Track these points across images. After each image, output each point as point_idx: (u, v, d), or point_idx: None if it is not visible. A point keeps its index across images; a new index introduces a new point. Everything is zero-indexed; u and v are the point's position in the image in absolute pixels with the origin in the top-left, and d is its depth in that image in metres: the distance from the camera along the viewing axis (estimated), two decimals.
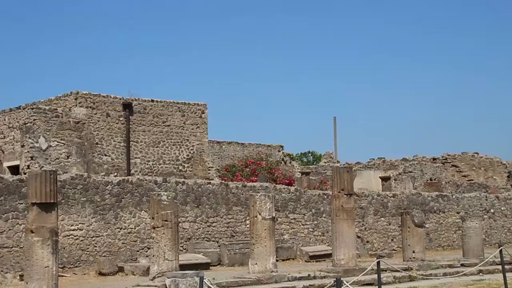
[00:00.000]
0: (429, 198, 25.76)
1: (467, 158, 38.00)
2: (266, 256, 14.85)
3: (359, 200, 23.39)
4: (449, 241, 25.91)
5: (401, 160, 38.19)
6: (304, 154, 58.82)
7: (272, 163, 32.36)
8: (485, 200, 27.44)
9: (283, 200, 21.63)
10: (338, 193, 16.55)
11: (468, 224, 19.86)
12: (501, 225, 27.52)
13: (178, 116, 27.69)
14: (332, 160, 40.54)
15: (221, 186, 20.68)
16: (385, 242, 24.05)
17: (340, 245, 16.30)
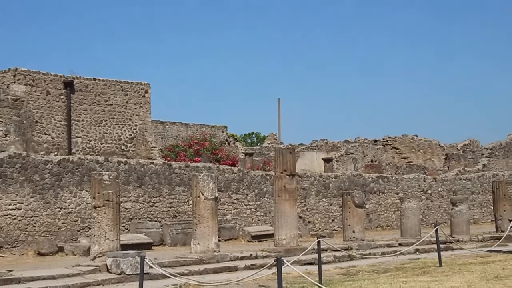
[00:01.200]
0: (369, 180, 26.24)
1: (406, 141, 38.83)
2: (208, 236, 14.89)
3: (302, 181, 23.64)
4: (388, 221, 26.50)
5: (343, 142, 38.76)
6: (248, 135, 58.94)
7: (216, 143, 32.35)
8: (423, 181, 28.14)
9: (226, 180, 21.68)
10: (281, 174, 16.68)
11: (406, 205, 20.34)
12: (438, 205, 28.29)
13: (120, 95, 27.31)
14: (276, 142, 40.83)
15: (164, 166, 20.57)
16: (326, 223, 24.42)
17: (282, 225, 16.47)
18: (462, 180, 29.71)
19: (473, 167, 34.10)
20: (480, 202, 29.97)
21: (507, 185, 24.16)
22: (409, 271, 13.06)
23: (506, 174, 31.32)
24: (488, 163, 35.06)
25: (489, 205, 28.38)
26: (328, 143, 39.45)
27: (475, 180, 30.14)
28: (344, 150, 35.79)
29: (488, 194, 28.60)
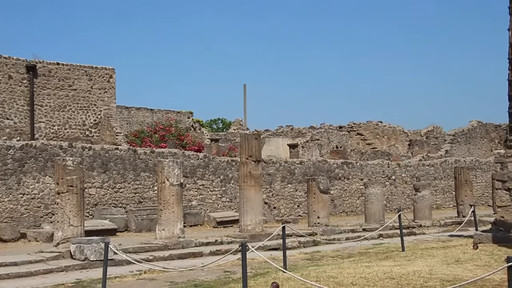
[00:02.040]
0: (334, 165, 26.45)
1: (371, 127, 39.19)
2: (173, 222, 14.86)
3: (267, 167, 23.71)
4: (352, 207, 26.77)
5: (308, 128, 38.93)
6: (213, 121, 58.83)
7: (182, 129, 32.21)
8: (387, 167, 28.47)
9: (191, 166, 21.62)
10: (246, 160, 16.70)
11: (371, 190, 20.57)
12: (401, 191, 28.68)
13: (85, 80, 26.96)
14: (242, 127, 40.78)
15: (129, 152, 20.42)
16: (291, 208, 24.56)
17: (247, 211, 16.51)
18: (425, 166, 30.14)
19: (436, 153, 34.60)
20: (442, 187, 30.46)
21: (468, 171, 24.59)
22: (373, 256, 13.22)
23: (467, 160, 31.87)
24: (450, 149, 35.62)
25: (451, 191, 28.87)
26: (293, 129, 39.59)
27: (438, 166, 30.61)
28: (309, 136, 35.95)
29: (450, 180, 29.10)
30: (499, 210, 14.90)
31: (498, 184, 14.95)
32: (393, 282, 9.24)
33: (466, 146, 37.57)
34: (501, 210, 14.82)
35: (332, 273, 10.27)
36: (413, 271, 10.11)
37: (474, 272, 9.78)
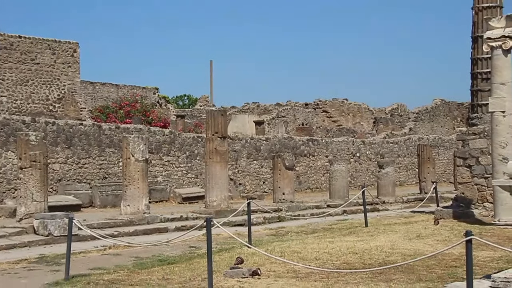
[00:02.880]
0: (300, 142, 26.59)
1: (337, 104, 39.42)
2: (138, 197, 14.82)
3: (233, 143, 23.73)
4: (317, 184, 27.01)
5: (274, 105, 39.00)
6: (180, 97, 58.55)
7: (147, 105, 31.98)
8: (352, 144, 28.74)
9: (157, 142, 21.53)
10: (212, 136, 16.70)
11: (335, 167, 20.76)
12: (366, 168, 29.00)
13: (48, 54, 26.53)
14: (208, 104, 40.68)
15: (94, 127, 20.23)
16: (257, 185, 24.68)
17: (213, 187, 16.54)
18: (389, 144, 30.50)
19: (400, 131, 35.03)
20: (406, 164, 30.89)
21: (431, 148, 24.98)
22: (336, 231, 13.39)
23: (430, 137, 32.34)
24: (414, 127, 36.09)
25: (414, 168, 29.29)
26: (260, 106, 39.63)
27: (402, 143, 31.00)
28: (275, 113, 36.04)
29: (413, 157, 29.51)
30: (460, 187, 15.20)
31: (459, 161, 15.23)
32: (356, 257, 9.40)
33: (429, 124, 38.09)
34: (461, 187, 15.12)
35: (296, 248, 10.40)
36: (376, 246, 10.29)
37: (434, 246, 9.99)
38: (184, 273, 8.43)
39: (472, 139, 14.91)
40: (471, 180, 14.87)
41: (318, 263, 8.87)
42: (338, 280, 7.66)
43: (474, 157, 14.86)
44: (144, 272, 8.63)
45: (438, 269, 8.17)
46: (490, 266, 8.18)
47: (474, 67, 16.79)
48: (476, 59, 16.69)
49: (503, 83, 12.84)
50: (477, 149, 14.84)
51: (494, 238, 10.75)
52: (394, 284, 7.32)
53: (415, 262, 8.22)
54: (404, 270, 8.11)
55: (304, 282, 7.59)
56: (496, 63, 12.94)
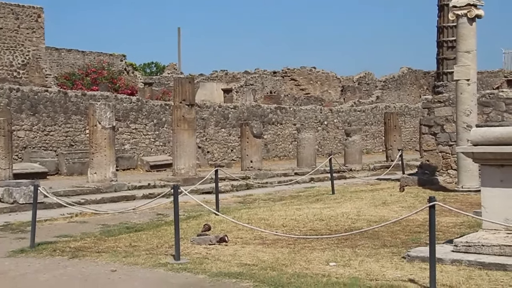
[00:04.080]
0: (268, 110, 26.62)
1: (305, 72, 39.42)
2: (105, 165, 14.73)
3: (201, 111, 23.65)
4: (285, 152, 27.13)
5: (243, 73, 38.85)
6: (147, 65, 57.96)
7: (114, 72, 31.60)
8: (319, 112, 28.86)
9: (124, 109, 21.35)
10: (180, 104, 16.60)
11: (303, 135, 20.86)
12: (333, 136, 29.20)
13: (11, 19, 25.94)
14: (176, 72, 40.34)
15: (60, 94, 19.95)
16: (225, 153, 24.69)
17: (180, 155, 16.51)
18: (357, 112, 30.71)
19: (367, 99, 35.25)
20: (372, 132, 31.17)
21: (397, 116, 25.24)
22: (304, 198, 13.52)
23: (397, 106, 32.63)
24: (381, 95, 36.35)
25: (381, 136, 29.58)
26: (228, 74, 39.44)
27: (369, 111, 31.24)
28: (243, 81, 35.92)
29: (380, 125, 29.78)
30: (425, 154, 15.42)
31: (424, 129, 15.42)
32: (323, 223, 9.51)
33: (396, 92, 38.39)
34: (427, 154, 15.34)
35: (263, 215, 10.48)
36: (342, 213, 10.42)
37: (399, 213, 10.15)
38: (152, 240, 8.45)
39: (438, 107, 15.09)
40: (436, 147, 15.09)
41: (285, 230, 8.96)
42: (305, 246, 7.76)
43: (439, 125, 15.06)
44: (111, 240, 8.63)
45: (403, 235, 8.32)
46: (452, 231, 8.35)
47: (440, 35, 16.91)
48: (442, 28, 16.80)
49: (468, 51, 12.96)
50: (442, 117, 15.03)
51: (457, 204, 10.96)
52: (359, 249, 7.44)
53: (380, 228, 8.36)
54: (370, 236, 8.24)
55: (271, 249, 7.66)
56: (462, 32, 13.04)
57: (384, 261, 6.68)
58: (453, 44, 15.31)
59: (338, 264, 6.63)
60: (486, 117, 14.33)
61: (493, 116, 14.35)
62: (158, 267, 6.77)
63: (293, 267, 6.58)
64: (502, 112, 14.31)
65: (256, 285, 5.87)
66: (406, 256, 6.74)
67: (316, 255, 7.17)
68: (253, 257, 7.14)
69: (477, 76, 13.65)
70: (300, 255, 7.17)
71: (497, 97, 14.49)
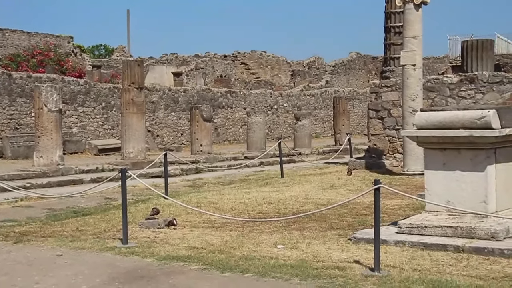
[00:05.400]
0: (218, 94, 26.57)
1: (255, 56, 39.43)
2: (52, 149, 14.48)
3: (150, 95, 23.44)
4: (235, 135, 27.16)
5: (193, 56, 38.60)
6: (95, 47, 57.00)
7: (61, 54, 30.98)
8: (270, 97, 28.96)
9: (71, 92, 20.99)
10: (129, 87, 16.43)
11: (253, 119, 20.91)
12: (283, 120, 29.36)
13: None
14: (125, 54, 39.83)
15: (3, 76, 19.47)
16: (175, 136, 24.57)
17: (129, 138, 16.36)
18: (306, 96, 30.93)
19: (317, 84, 35.52)
20: (322, 117, 31.47)
21: (346, 101, 25.53)
22: (253, 182, 13.59)
23: (346, 90, 32.99)
24: (330, 80, 36.67)
25: (330, 120, 29.87)
26: (178, 57, 39.12)
27: (318, 96, 31.50)
28: (194, 64, 35.72)
29: (329, 109, 30.07)
30: (372, 138, 15.66)
31: (372, 113, 15.65)
32: (271, 206, 9.59)
33: (345, 77, 38.78)
34: (374, 138, 15.59)
35: (212, 199, 10.50)
36: (291, 196, 10.52)
37: (346, 196, 10.31)
38: (99, 224, 8.38)
39: (385, 91, 15.33)
40: (383, 131, 15.35)
41: (234, 213, 9.00)
42: (253, 229, 7.82)
43: (386, 109, 15.31)
44: (57, 224, 8.52)
45: (349, 217, 8.46)
46: (397, 214, 8.53)
47: (387, 21, 17.14)
48: (389, 13, 17.03)
49: (414, 37, 13.18)
50: (389, 102, 15.28)
51: (402, 187, 11.19)
52: (307, 232, 7.54)
53: (327, 211, 8.47)
54: (317, 218, 8.35)
55: (220, 232, 7.70)
56: (408, 17, 13.25)
57: (331, 243, 6.79)
58: (400, 30, 15.54)
59: (285, 247, 6.71)
60: (431, 102, 14.64)
61: (437, 101, 14.67)
62: (105, 251, 6.73)
63: (241, 250, 6.62)
64: (446, 97, 14.64)
65: (204, 268, 5.90)
66: (352, 238, 6.87)
67: (264, 238, 7.23)
68: (201, 241, 7.16)
69: (423, 62, 13.92)
70: (248, 238, 7.22)
71: (442, 83, 14.80)
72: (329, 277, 5.41)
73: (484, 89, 14.27)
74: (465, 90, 14.46)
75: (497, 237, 6.23)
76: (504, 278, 5.25)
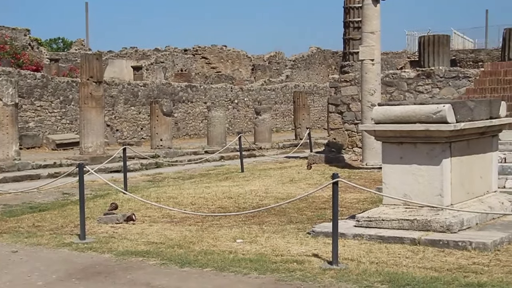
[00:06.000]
0: (178, 88, 26.42)
1: (216, 51, 39.31)
2: (8, 143, 14.22)
3: (110, 89, 23.19)
4: (196, 130, 27.07)
5: (153, 50, 38.29)
6: (53, 40, 56.08)
7: (18, 47, 30.37)
8: (230, 91, 28.92)
9: (28, 86, 20.61)
10: (87, 81, 16.24)
11: (213, 113, 20.86)
12: (243, 115, 29.37)
13: None
14: (84, 48, 39.27)
15: None
16: (134, 131, 24.37)
17: (88, 133, 16.18)
18: (267, 91, 30.98)
19: (278, 78, 35.59)
20: (282, 111, 31.57)
21: (306, 95, 25.67)
22: (213, 177, 13.57)
23: (306, 85, 33.16)
24: (291, 74, 36.79)
25: (290, 115, 29.99)
26: (138, 51, 38.76)
27: (279, 90, 31.58)
28: (154, 58, 35.44)
29: (290, 104, 30.18)
30: (332, 132, 15.79)
31: (331, 108, 15.77)
32: (231, 201, 9.59)
33: (305, 72, 38.94)
34: (333, 132, 15.71)
35: (172, 193, 10.45)
36: (250, 190, 10.54)
37: (306, 190, 10.37)
38: (56, 220, 8.27)
39: (344, 86, 15.46)
40: (343, 126, 15.48)
41: (194, 208, 8.99)
42: (213, 224, 7.81)
43: (345, 104, 15.45)
44: (13, 220, 8.38)
45: (308, 211, 8.52)
46: (356, 207, 8.62)
47: (346, 15, 17.25)
48: (348, 8, 17.14)
49: (373, 32, 13.31)
50: (348, 96, 15.42)
51: (361, 181, 11.31)
52: (266, 226, 7.56)
53: (287, 205, 8.52)
54: (277, 213, 8.39)
55: (179, 227, 7.67)
56: (366, 13, 13.37)
57: (290, 237, 6.83)
58: (359, 25, 15.65)
59: (245, 241, 6.72)
60: (389, 97, 14.82)
61: (396, 95, 14.86)
62: (62, 247, 6.64)
63: (200, 244, 6.61)
64: (404, 92, 14.84)
65: (162, 263, 5.87)
66: (311, 232, 6.92)
67: (223, 232, 7.23)
68: (160, 235, 7.12)
69: (381, 57, 14.08)
70: (207, 233, 7.21)
71: (400, 77, 15.00)
72: (287, 271, 5.44)
73: (441, 84, 14.51)
74: (422, 84, 14.68)
75: (452, 229, 6.35)
76: (458, 269, 5.36)
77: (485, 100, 7.52)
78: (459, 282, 4.97)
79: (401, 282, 5.01)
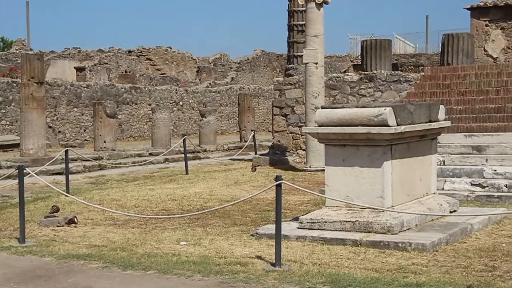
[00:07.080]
0: (122, 90, 26.13)
1: (161, 52, 39.01)
2: None
3: (52, 90, 22.76)
4: (140, 132, 26.81)
5: (97, 51, 37.74)
6: None
7: None
8: (175, 93, 28.77)
9: None
10: (28, 82, 15.92)
11: (158, 115, 20.71)
12: (188, 117, 29.24)
13: None
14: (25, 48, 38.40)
15: None
16: (77, 133, 23.97)
17: (29, 134, 15.85)
18: (212, 93, 30.94)
19: (223, 80, 35.57)
20: (227, 113, 31.58)
21: (251, 98, 25.76)
22: (157, 179, 13.48)
23: (251, 87, 33.27)
24: (236, 77, 36.82)
25: (235, 117, 30.02)
26: (81, 51, 38.13)
27: (224, 92, 31.59)
28: (97, 59, 34.91)
29: (235, 106, 30.21)
30: (276, 135, 15.90)
31: (276, 110, 15.88)
32: (175, 203, 9.56)
33: (250, 74, 39.04)
34: (278, 135, 15.83)
35: (115, 196, 10.34)
36: (195, 193, 10.52)
37: (250, 192, 10.40)
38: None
39: (288, 89, 15.59)
40: (287, 128, 15.61)
41: (137, 210, 8.92)
42: (156, 226, 7.77)
43: (289, 107, 15.58)
44: None
45: (252, 213, 8.56)
46: (300, 209, 8.71)
47: (291, 19, 17.41)
48: (292, 11, 17.30)
49: (316, 36, 13.47)
50: (293, 99, 15.56)
51: (305, 183, 11.42)
52: (210, 228, 7.56)
53: (231, 207, 8.54)
54: (221, 215, 8.40)
55: (122, 229, 7.60)
56: (310, 16, 13.51)
57: (234, 239, 6.85)
58: (303, 28, 15.82)
59: (188, 243, 6.71)
60: (333, 100, 15.01)
61: (339, 98, 15.07)
62: (0, 251, 6.49)
63: (143, 247, 6.57)
64: (347, 95, 15.06)
65: (105, 266, 5.81)
66: (255, 234, 6.95)
67: (167, 234, 7.20)
68: (103, 238, 7.04)
69: (325, 60, 14.26)
70: (151, 235, 7.17)
71: (343, 81, 15.22)
72: (231, 273, 5.46)
73: (383, 88, 14.78)
74: (365, 88, 14.93)
75: (392, 230, 6.49)
76: (398, 270, 5.48)
77: (424, 103, 7.71)
78: (398, 283, 5.08)
79: (343, 283, 5.08)
